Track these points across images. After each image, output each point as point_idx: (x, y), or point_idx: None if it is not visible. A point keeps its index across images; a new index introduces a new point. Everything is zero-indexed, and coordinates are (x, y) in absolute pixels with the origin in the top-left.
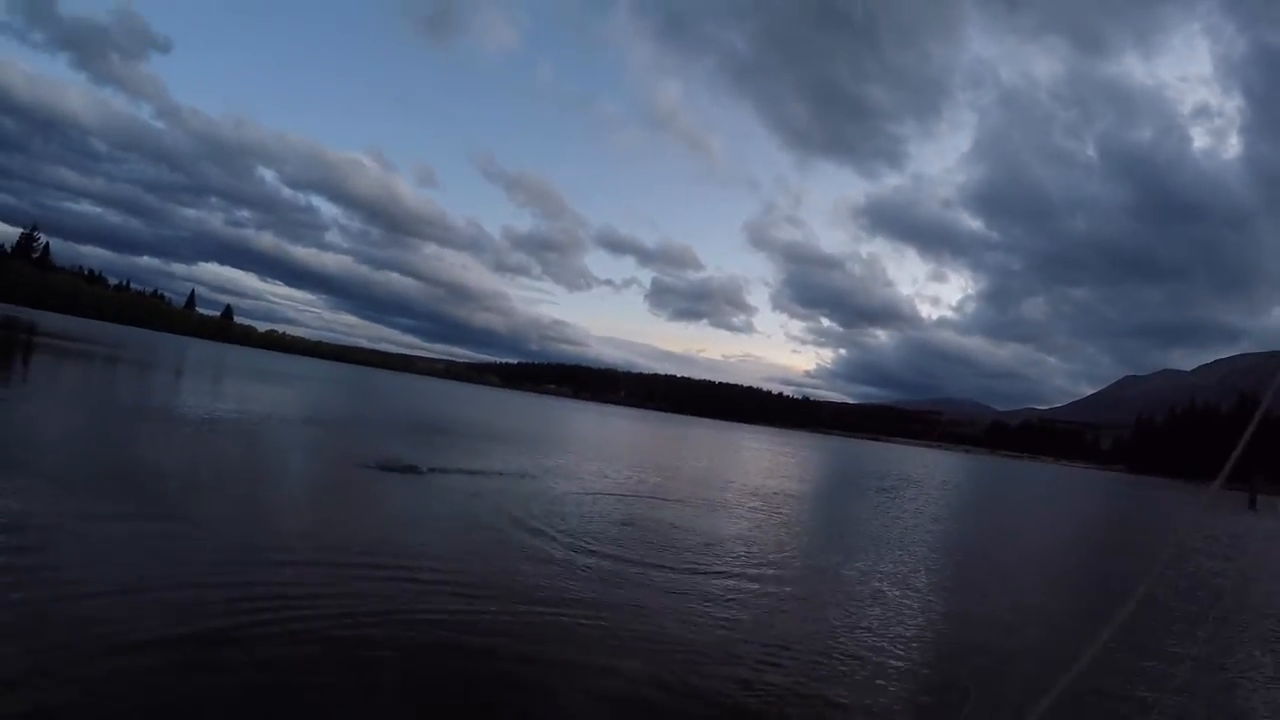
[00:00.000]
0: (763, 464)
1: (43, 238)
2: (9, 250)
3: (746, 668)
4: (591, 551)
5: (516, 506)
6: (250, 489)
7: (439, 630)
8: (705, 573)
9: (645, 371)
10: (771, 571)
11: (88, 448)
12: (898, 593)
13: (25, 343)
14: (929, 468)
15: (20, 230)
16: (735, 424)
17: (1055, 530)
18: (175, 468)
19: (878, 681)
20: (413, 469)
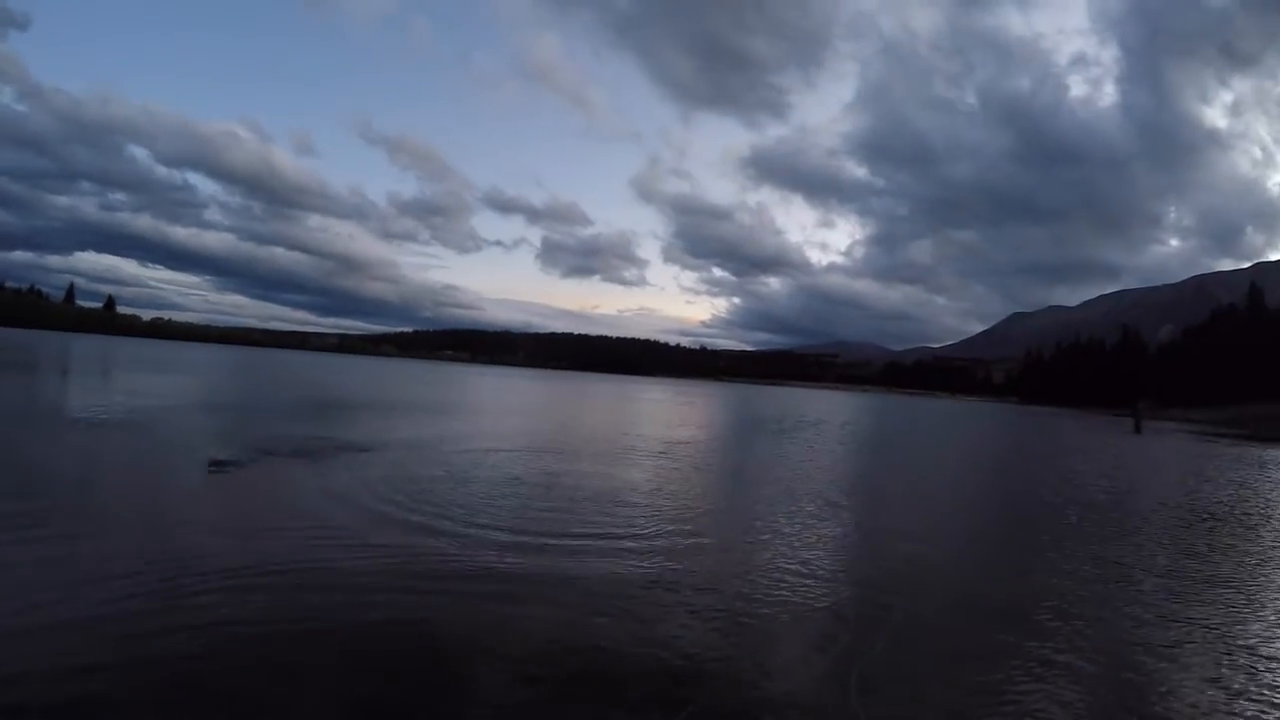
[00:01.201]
0: (664, 414)
1: None
2: None
3: (671, 620)
4: (497, 515)
5: (410, 478)
6: (103, 493)
7: (333, 624)
8: (615, 526)
9: (542, 331)
10: (682, 518)
11: None
12: (813, 526)
13: None
14: (829, 408)
15: None
16: (636, 378)
17: (956, 456)
18: (49, 470)
19: (804, 611)
20: (304, 451)
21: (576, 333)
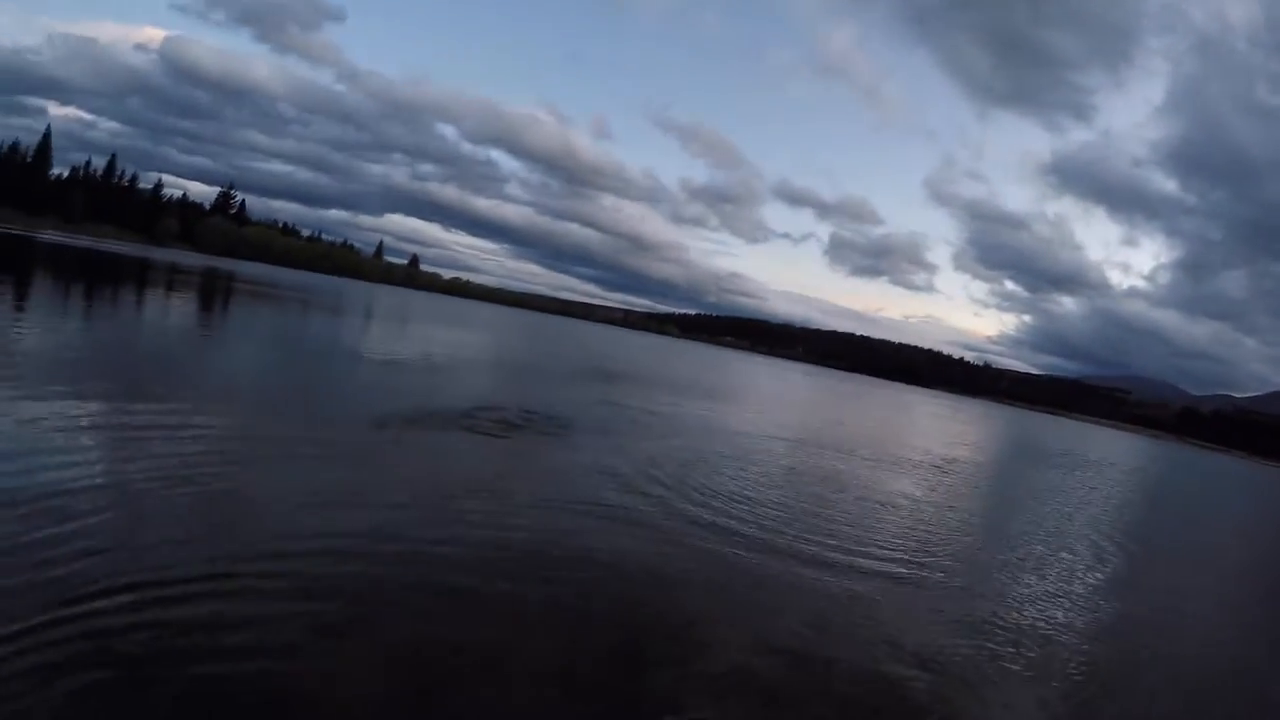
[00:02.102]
0: (943, 429)
1: (239, 195)
2: (208, 207)
3: (907, 647)
4: (760, 510)
5: (687, 459)
6: (391, 431)
7: (593, 563)
8: (872, 537)
9: (823, 328)
10: (944, 540)
11: (306, 385)
12: (1076, 574)
13: (226, 289)
14: (1115, 450)
15: (218, 189)
16: (914, 388)
17: (1255, 542)
18: (366, 401)
19: (1046, 666)
20: (589, 419)
21: (859, 333)
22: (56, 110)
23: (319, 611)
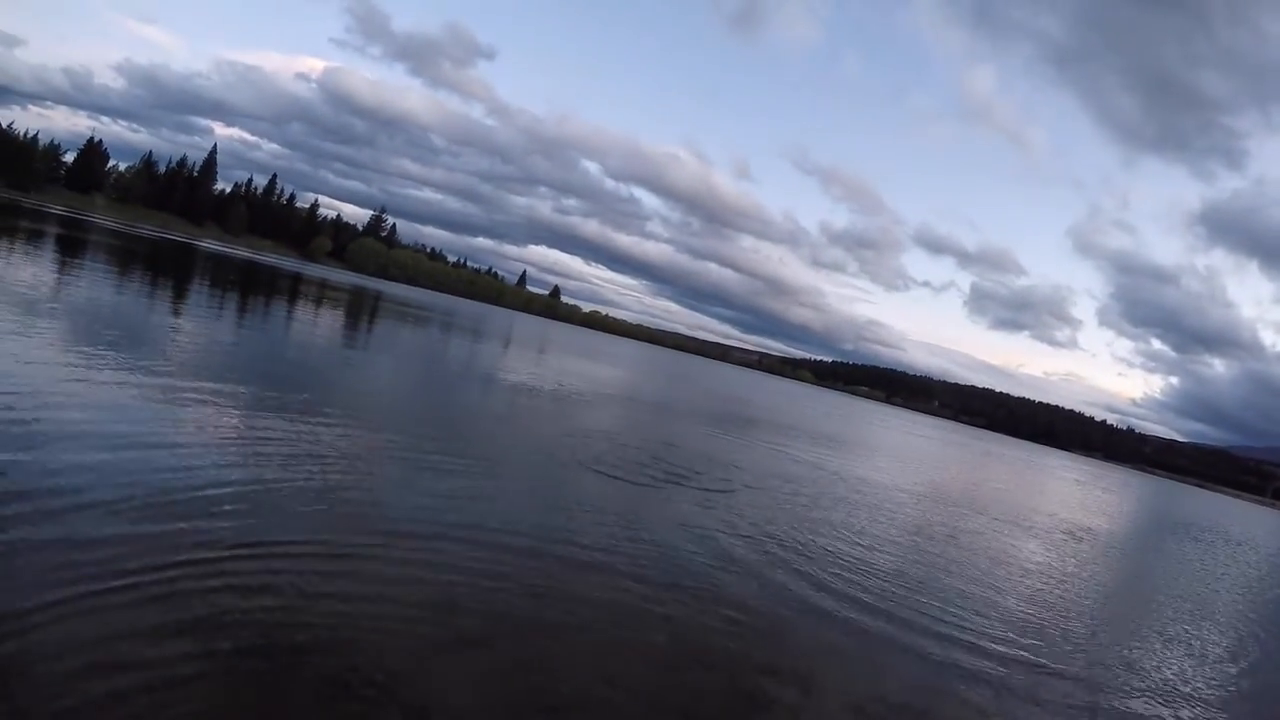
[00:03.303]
0: (1081, 496)
1: (390, 219)
2: (361, 229)
3: None
4: (874, 564)
5: (798, 517)
6: (515, 458)
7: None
8: (983, 614)
9: (963, 382)
10: (1071, 615)
11: (446, 404)
12: (1208, 659)
13: (373, 307)
14: (1258, 528)
15: (371, 212)
16: (1052, 449)
17: None
18: (497, 423)
19: None
20: (705, 466)
21: (997, 389)
22: (222, 131)
23: (445, 625)
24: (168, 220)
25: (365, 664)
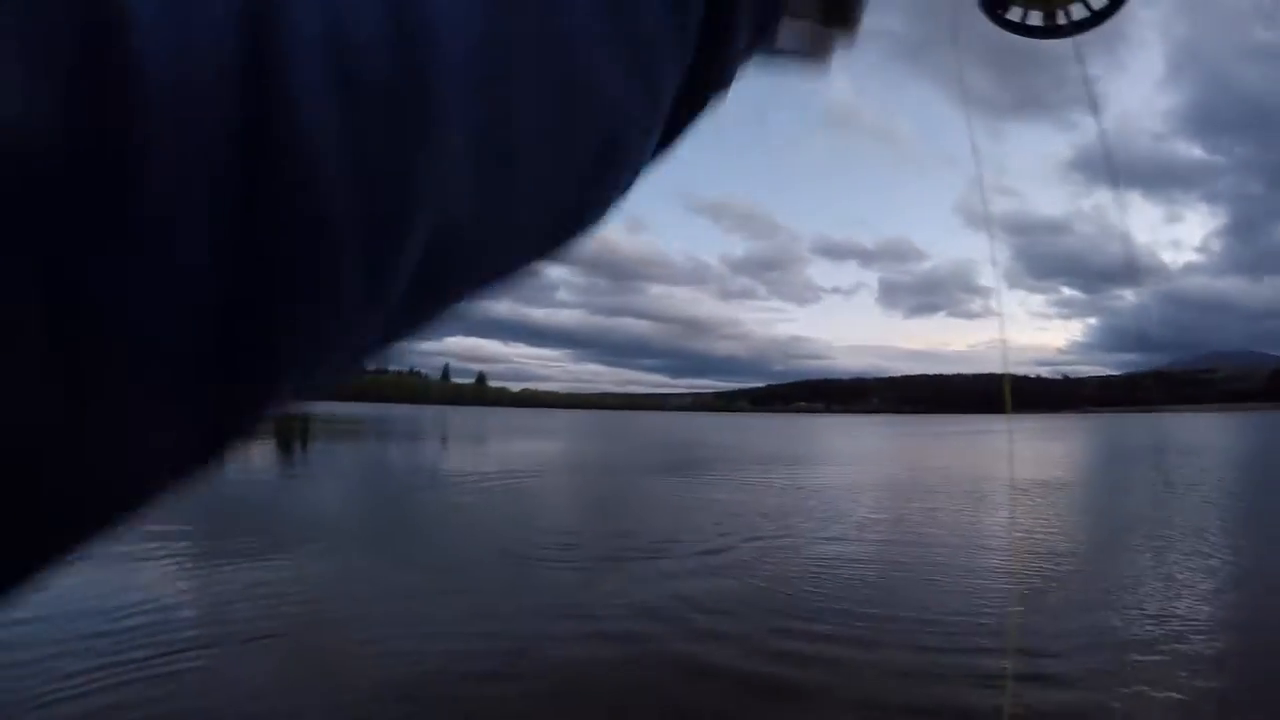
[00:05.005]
0: (1021, 455)
1: None
2: None
3: None
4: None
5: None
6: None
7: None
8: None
9: (895, 375)
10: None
11: (380, 516)
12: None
13: (302, 428)
14: (1214, 434)
15: None
16: (996, 416)
17: None
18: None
19: None
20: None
21: (930, 373)
22: None
23: None
24: None
25: None
